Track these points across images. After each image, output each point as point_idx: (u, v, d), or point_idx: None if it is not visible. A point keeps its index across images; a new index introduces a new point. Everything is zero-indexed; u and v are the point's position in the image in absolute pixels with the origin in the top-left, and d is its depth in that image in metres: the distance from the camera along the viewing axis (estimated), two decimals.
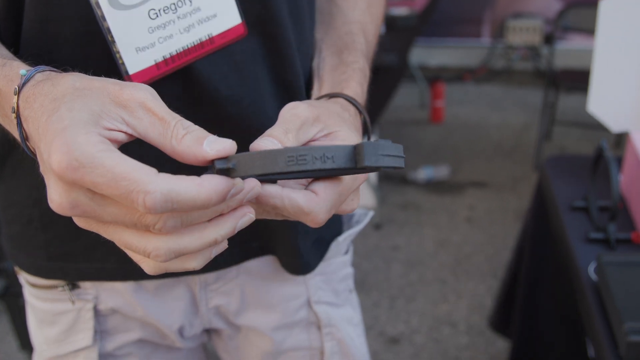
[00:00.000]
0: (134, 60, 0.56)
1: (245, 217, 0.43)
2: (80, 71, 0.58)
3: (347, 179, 0.50)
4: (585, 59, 1.73)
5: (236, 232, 0.43)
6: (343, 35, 0.70)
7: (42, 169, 0.44)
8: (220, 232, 0.42)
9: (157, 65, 0.57)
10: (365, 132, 0.63)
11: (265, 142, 0.46)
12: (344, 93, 0.62)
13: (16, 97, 0.45)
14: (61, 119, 0.40)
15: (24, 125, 0.45)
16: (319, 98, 0.63)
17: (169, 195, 0.37)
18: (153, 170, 0.38)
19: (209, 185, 0.39)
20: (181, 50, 0.58)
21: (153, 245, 0.40)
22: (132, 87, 0.43)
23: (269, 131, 0.48)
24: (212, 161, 0.42)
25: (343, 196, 0.50)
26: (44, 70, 0.47)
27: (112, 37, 0.54)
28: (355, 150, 0.42)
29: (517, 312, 1.64)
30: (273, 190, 0.45)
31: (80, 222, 0.43)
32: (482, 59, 4.53)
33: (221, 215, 0.43)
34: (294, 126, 0.49)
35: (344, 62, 0.67)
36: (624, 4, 1.27)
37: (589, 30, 1.68)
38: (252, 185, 0.42)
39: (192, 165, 0.43)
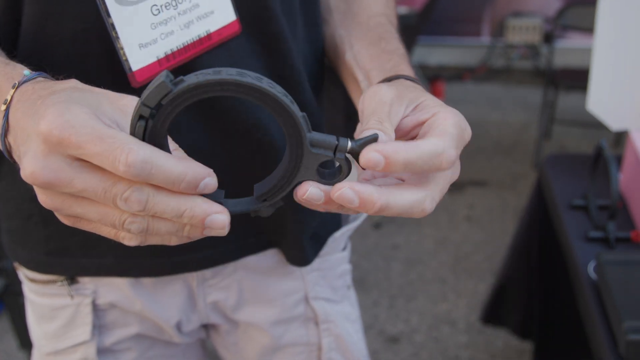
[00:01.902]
0: (137, 56, 0.56)
1: (206, 178, 0.42)
2: (78, 69, 0.58)
3: (451, 118, 0.49)
4: (584, 58, 1.73)
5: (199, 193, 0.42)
6: (373, 27, 0.70)
7: (17, 153, 0.44)
8: (192, 200, 0.41)
9: (159, 61, 0.57)
10: None
11: (371, 131, 0.46)
12: (403, 74, 0.61)
13: (13, 90, 0.46)
14: (58, 97, 0.42)
15: (10, 116, 0.45)
16: (381, 82, 0.62)
17: (150, 157, 0.39)
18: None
19: (187, 163, 0.40)
20: (181, 46, 0.58)
21: (127, 216, 0.41)
22: (132, 98, 0.45)
23: (366, 121, 0.48)
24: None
25: (460, 126, 0.49)
26: (47, 77, 0.48)
27: (116, 33, 0.54)
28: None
29: (536, 315, 1.64)
30: (401, 148, 0.44)
31: (49, 199, 0.42)
32: (482, 58, 4.53)
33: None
34: (385, 113, 0.49)
35: (386, 51, 0.66)
36: (623, 1, 1.27)
37: (589, 28, 1.68)
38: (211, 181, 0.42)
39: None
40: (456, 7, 4.49)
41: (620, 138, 3.30)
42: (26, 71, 0.48)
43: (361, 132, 0.47)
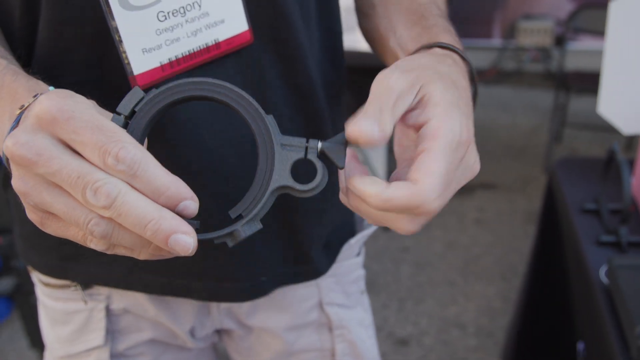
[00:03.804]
0: (139, 60, 0.56)
1: (188, 200, 0.40)
2: (96, 71, 0.59)
3: (442, 135, 0.44)
4: (596, 61, 1.72)
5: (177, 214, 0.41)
6: (415, 10, 0.66)
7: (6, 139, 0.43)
8: (161, 212, 0.39)
9: (162, 67, 0.57)
10: (472, 80, 0.56)
11: (362, 124, 0.42)
12: (439, 41, 0.57)
13: (34, 99, 0.46)
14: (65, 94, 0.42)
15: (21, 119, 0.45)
16: (415, 52, 0.58)
17: (141, 159, 0.38)
18: None
19: (174, 177, 0.40)
20: (187, 53, 0.58)
21: (93, 217, 0.39)
22: None
23: (365, 108, 0.43)
24: None
25: (453, 161, 0.45)
26: None
27: (119, 36, 0.55)
28: None
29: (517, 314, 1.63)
30: (366, 186, 0.43)
31: (21, 180, 0.41)
32: (493, 61, 4.52)
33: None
34: (388, 103, 0.44)
35: (426, 27, 0.62)
36: (635, 4, 1.26)
37: (601, 31, 1.67)
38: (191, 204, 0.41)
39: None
40: (467, 9, 4.49)
41: (632, 142, 3.27)
42: (51, 87, 0.48)
43: (360, 116, 0.43)
